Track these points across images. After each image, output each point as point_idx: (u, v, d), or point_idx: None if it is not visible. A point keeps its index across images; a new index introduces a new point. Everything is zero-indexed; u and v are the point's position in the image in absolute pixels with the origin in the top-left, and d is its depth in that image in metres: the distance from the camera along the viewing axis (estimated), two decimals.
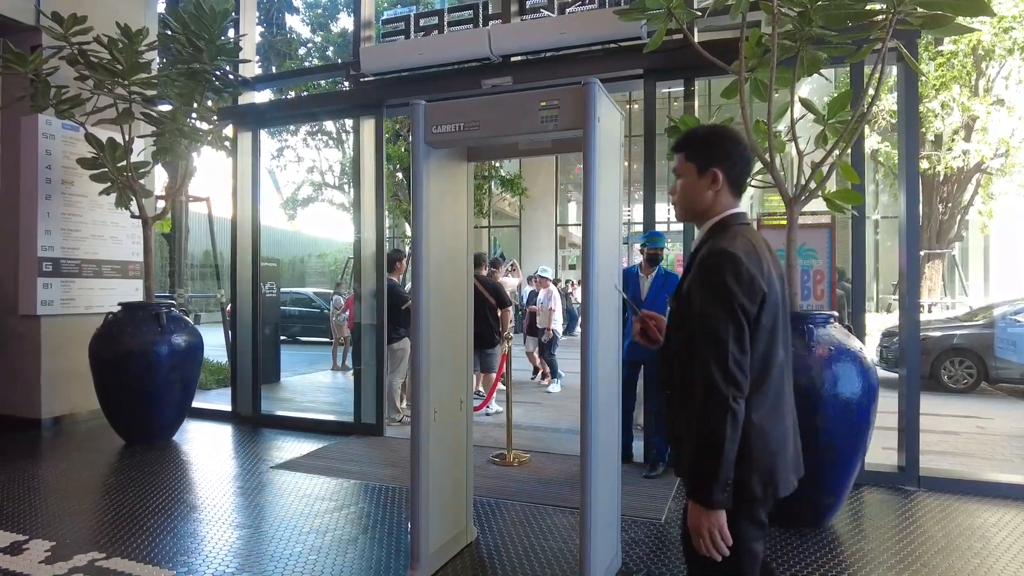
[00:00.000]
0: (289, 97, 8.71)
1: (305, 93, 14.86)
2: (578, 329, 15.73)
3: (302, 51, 18.28)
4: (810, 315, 3.67)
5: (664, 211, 20.09)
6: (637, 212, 21.24)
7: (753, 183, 4.27)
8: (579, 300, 15.55)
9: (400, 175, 17.38)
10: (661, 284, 4.59)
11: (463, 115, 2.86)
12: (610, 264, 2.93)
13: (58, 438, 5.61)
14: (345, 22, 19.28)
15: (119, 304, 5.46)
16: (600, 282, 2.68)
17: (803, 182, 3.84)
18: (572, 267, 24.56)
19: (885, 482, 4.20)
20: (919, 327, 4.42)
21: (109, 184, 5.58)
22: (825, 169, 3.80)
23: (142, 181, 5.73)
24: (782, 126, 4.55)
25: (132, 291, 6.56)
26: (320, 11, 19.16)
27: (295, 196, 19.95)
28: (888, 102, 12.56)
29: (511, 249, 21.62)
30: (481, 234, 20.85)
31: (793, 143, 3.94)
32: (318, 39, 18.87)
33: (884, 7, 3.28)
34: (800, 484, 3.41)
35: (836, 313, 3.80)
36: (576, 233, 26.49)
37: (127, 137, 5.48)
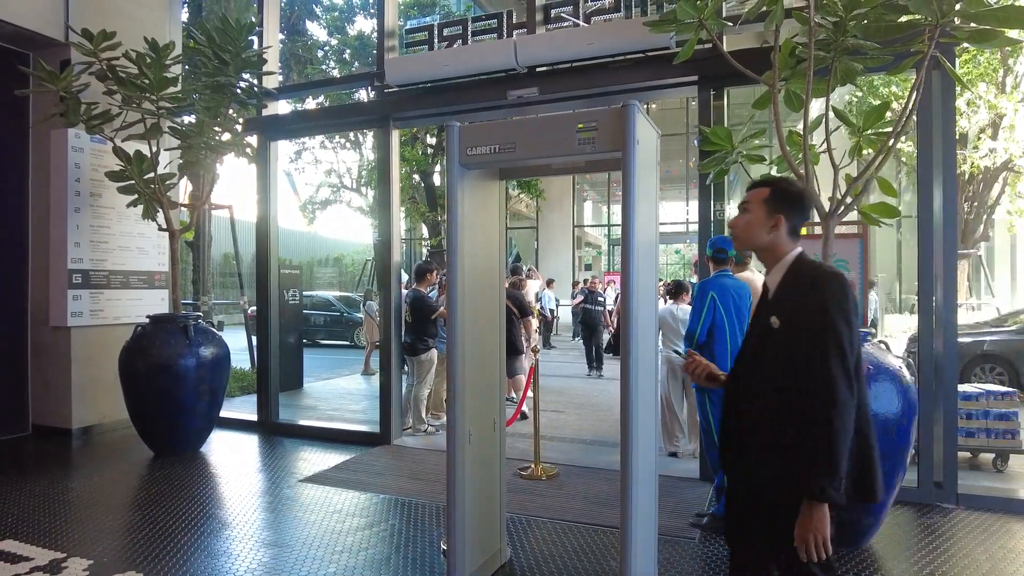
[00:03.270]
0: (314, 107, 8.77)
1: (321, 99, 14.97)
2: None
3: (319, 54, 18.35)
4: None
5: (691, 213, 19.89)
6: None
7: None
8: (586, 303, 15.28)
9: (416, 177, 17.44)
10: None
11: (498, 137, 2.83)
12: (648, 278, 2.90)
13: (88, 448, 5.68)
14: (362, 24, 19.35)
15: (148, 317, 5.51)
16: (640, 296, 2.65)
17: (838, 196, 3.78)
18: (588, 267, 24.53)
19: (922, 499, 4.12)
20: (956, 334, 4.33)
21: (136, 196, 5.63)
22: (861, 183, 3.74)
23: (168, 193, 5.78)
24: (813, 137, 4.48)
25: (158, 301, 6.63)
26: (336, 14, 19.23)
27: (313, 199, 20.05)
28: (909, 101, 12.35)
29: (527, 250, 21.60)
30: None
31: (828, 155, 3.87)
32: (335, 42, 18.94)
33: (927, 20, 3.21)
34: (839, 504, 3.38)
35: (873, 330, 3.73)
36: (592, 233, 26.42)
37: (154, 150, 5.52)
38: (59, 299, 5.90)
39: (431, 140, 16.96)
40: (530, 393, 5.75)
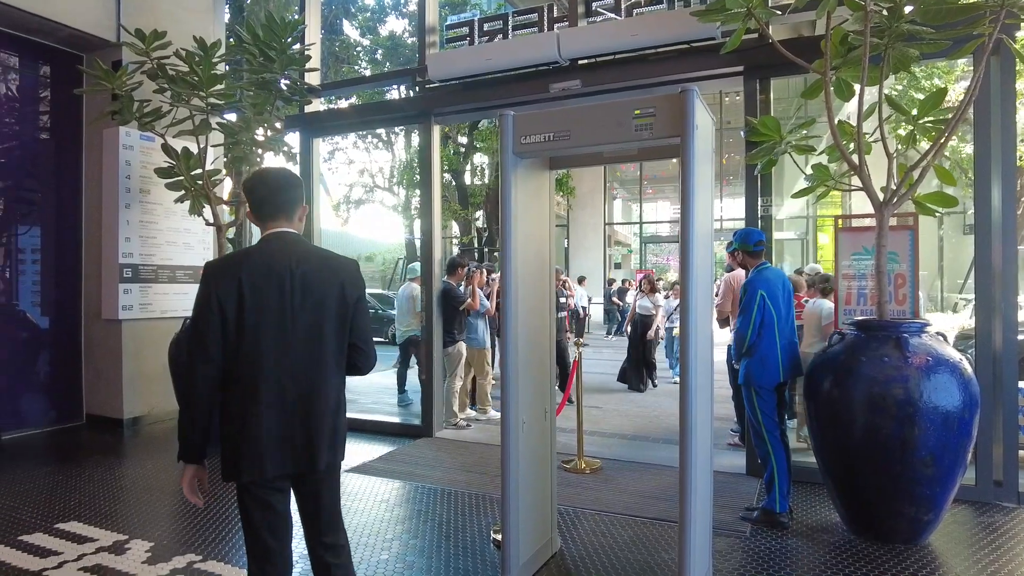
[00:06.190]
0: (346, 106, 8.93)
1: (352, 99, 15.15)
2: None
3: (355, 52, 18.58)
4: (903, 324, 3.54)
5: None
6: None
7: (839, 187, 4.15)
8: (628, 301, 15.02)
9: (448, 175, 17.57)
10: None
11: (552, 125, 2.83)
12: (705, 267, 2.87)
13: (139, 438, 5.83)
14: (393, 25, 19.53)
15: None
16: (698, 286, 2.62)
17: (892, 186, 3.70)
18: (618, 266, 24.37)
19: (980, 497, 4.01)
20: (1016, 331, 4.20)
21: (183, 192, 5.76)
22: (916, 172, 3.66)
23: (215, 189, 5.90)
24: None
25: None
26: (369, 15, 19.44)
27: (348, 197, 20.32)
28: (955, 92, 12.02)
29: (558, 248, 21.52)
30: None
31: (882, 144, 3.79)
32: (367, 42, 19.15)
33: (992, 1, 3.12)
34: (896, 499, 3.32)
35: (930, 321, 3.64)
36: (621, 231, 26.23)
37: (201, 146, 5.64)
38: (111, 293, 6.07)
39: (462, 139, 17.06)
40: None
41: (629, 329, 8.88)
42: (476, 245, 17.34)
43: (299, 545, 2.25)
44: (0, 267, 5.91)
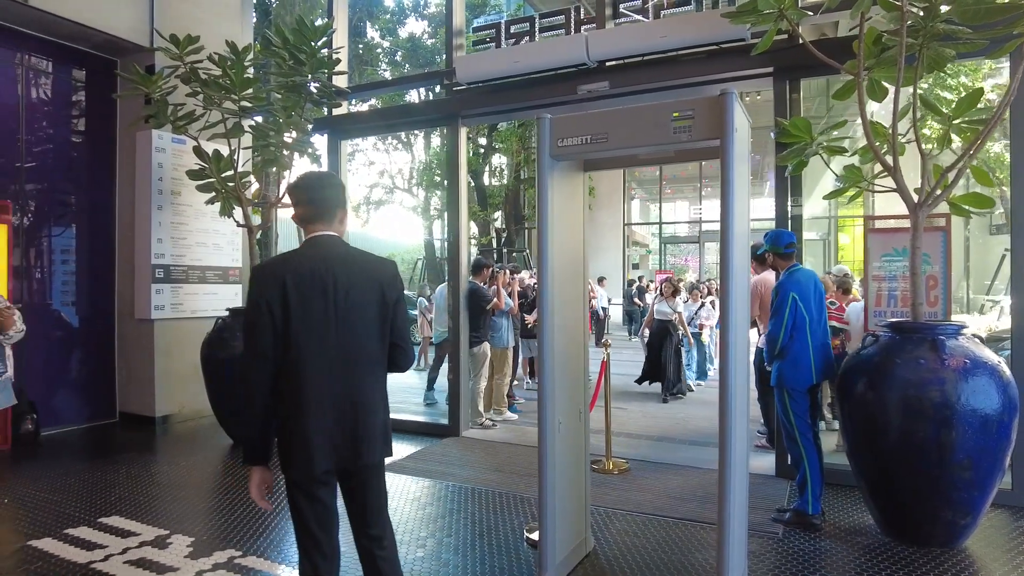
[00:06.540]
0: (366, 109, 9.07)
1: (372, 102, 15.27)
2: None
3: (377, 53, 18.73)
4: (939, 326, 3.51)
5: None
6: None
7: (871, 188, 4.13)
8: (646, 302, 14.93)
9: (468, 177, 17.66)
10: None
11: (590, 127, 2.85)
12: (743, 267, 2.88)
13: (171, 436, 5.94)
14: (412, 26, 19.64)
15: (227, 310, 5.73)
16: (736, 289, 2.63)
17: (927, 187, 3.67)
18: (635, 266, 24.29)
19: (1017, 502, 3.95)
20: None
21: (214, 194, 5.85)
22: (952, 174, 3.62)
23: (245, 191, 5.99)
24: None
25: (232, 296, 6.87)
26: (389, 16, 19.57)
27: (368, 198, 20.47)
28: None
29: None
30: None
31: (916, 145, 3.76)
32: (386, 44, 19.29)
33: None
34: (933, 502, 3.30)
35: (966, 324, 3.61)
36: (639, 232, 26.16)
37: (232, 149, 5.73)
38: (143, 293, 6.19)
39: (482, 140, 17.12)
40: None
41: (647, 333, 8.71)
42: (495, 246, 17.39)
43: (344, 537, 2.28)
44: (35, 267, 6.06)
